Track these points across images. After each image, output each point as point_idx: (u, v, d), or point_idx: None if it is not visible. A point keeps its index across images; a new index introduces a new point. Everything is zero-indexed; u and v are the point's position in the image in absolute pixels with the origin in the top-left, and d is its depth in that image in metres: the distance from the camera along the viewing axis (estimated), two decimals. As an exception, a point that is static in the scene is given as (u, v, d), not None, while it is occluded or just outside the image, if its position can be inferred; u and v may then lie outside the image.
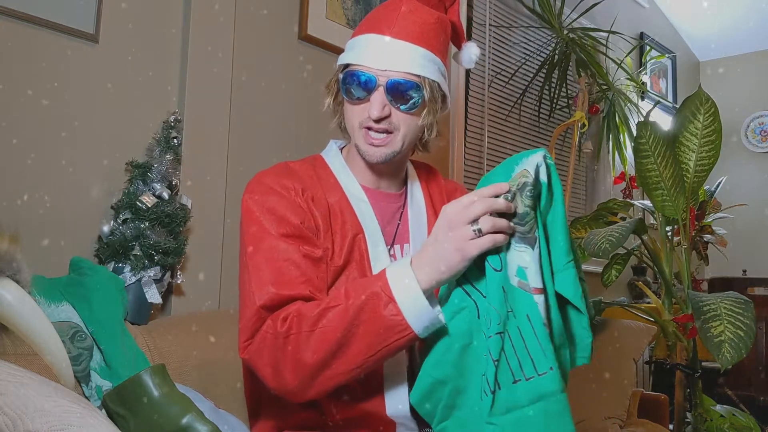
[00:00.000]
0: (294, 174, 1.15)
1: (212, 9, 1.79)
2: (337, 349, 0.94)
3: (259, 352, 1.00)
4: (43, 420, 0.70)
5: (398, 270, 0.94)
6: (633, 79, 3.53)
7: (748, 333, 1.86)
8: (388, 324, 0.91)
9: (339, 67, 1.15)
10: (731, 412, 2.38)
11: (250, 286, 1.04)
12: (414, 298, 0.92)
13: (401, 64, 1.09)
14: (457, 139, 2.67)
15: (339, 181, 1.18)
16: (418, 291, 0.92)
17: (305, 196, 1.11)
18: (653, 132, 2.14)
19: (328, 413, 1.09)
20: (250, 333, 1.01)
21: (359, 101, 1.11)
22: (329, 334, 0.94)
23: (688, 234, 2.31)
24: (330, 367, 0.95)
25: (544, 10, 2.99)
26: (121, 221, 1.51)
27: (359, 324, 0.93)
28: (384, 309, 0.91)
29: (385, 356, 0.96)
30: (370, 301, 0.93)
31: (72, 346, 1.20)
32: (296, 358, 0.96)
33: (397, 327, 0.91)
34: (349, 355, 0.94)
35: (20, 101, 1.45)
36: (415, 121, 1.12)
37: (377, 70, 1.09)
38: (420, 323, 0.92)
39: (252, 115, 1.90)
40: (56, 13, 1.48)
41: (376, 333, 0.92)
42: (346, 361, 0.95)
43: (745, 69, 4.70)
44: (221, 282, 1.76)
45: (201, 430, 1.05)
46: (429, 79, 1.10)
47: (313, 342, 0.94)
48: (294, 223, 1.07)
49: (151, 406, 1.09)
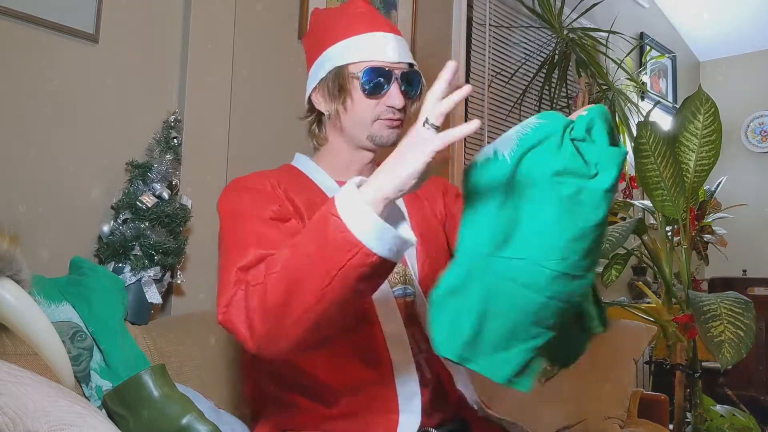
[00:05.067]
0: (267, 174, 1.19)
1: (212, 9, 1.79)
2: (294, 284, 0.87)
3: (236, 311, 0.94)
4: (43, 420, 0.70)
5: (344, 189, 0.88)
6: (633, 79, 3.53)
7: (748, 333, 1.86)
8: (336, 243, 0.83)
9: (340, 69, 1.17)
10: (731, 412, 2.38)
11: (228, 255, 1.01)
12: (360, 212, 0.83)
13: (406, 56, 1.19)
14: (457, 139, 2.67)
15: (313, 180, 1.22)
16: (359, 201, 0.84)
17: (282, 188, 1.15)
18: (653, 132, 2.14)
19: (335, 404, 1.09)
20: (228, 297, 0.95)
21: (378, 95, 1.16)
22: (287, 269, 0.88)
23: (688, 234, 2.31)
24: (291, 305, 0.87)
25: (544, 10, 2.99)
26: (121, 221, 1.51)
27: (311, 252, 0.86)
28: (329, 228, 0.84)
29: (349, 284, 0.85)
30: (317, 225, 0.87)
31: (72, 346, 1.20)
32: (263, 304, 0.90)
33: (346, 244, 0.83)
34: (306, 288, 0.86)
35: (20, 101, 1.45)
36: (412, 108, 1.21)
37: (391, 64, 1.16)
38: (371, 236, 0.83)
39: (252, 115, 1.90)
40: (56, 13, 1.48)
41: (327, 256, 0.84)
42: (305, 296, 0.86)
43: (745, 69, 4.69)
44: (221, 282, 1.76)
45: (201, 430, 1.05)
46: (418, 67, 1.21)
47: (275, 282, 0.89)
48: (273, 209, 1.09)
49: (151, 406, 1.09)
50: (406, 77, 1.17)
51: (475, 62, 2.92)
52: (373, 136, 1.18)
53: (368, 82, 1.15)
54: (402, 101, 1.15)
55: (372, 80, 1.15)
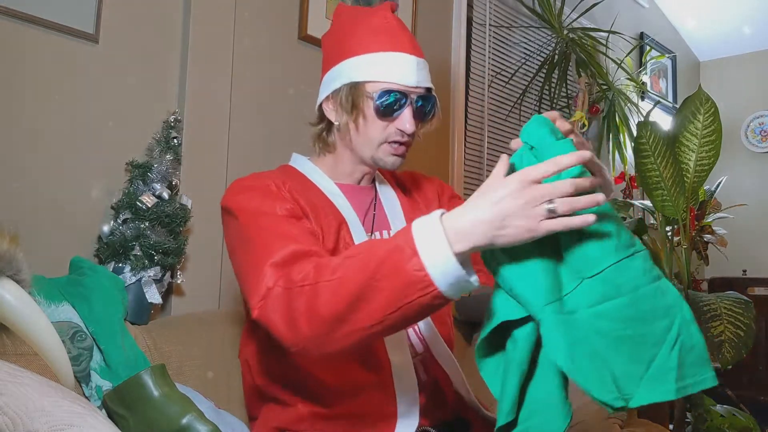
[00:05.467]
0: (268, 175, 1.18)
1: (212, 9, 1.79)
2: (355, 302, 0.86)
3: (273, 307, 0.93)
4: (43, 420, 0.70)
5: (425, 223, 0.86)
6: (633, 79, 3.53)
7: (748, 333, 1.86)
8: (410, 279, 0.83)
9: (355, 85, 1.15)
10: (731, 412, 2.38)
11: (254, 251, 1.00)
12: (441, 255, 0.82)
13: (425, 80, 1.16)
14: (457, 139, 2.67)
15: (312, 180, 1.22)
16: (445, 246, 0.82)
17: (286, 188, 1.14)
18: (653, 132, 2.15)
19: (333, 404, 1.09)
20: (263, 291, 0.94)
21: (390, 118, 1.14)
22: (347, 285, 0.87)
23: (688, 234, 2.31)
24: (348, 321, 0.87)
25: (544, 10, 2.99)
26: (121, 221, 1.51)
27: (380, 278, 0.85)
28: (407, 263, 0.83)
29: (408, 315, 0.86)
30: (392, 255, 0.85)
31: (72, 346, 1.20)
32: (312, 309, 0.89)
33: (419, 283, 0.82)
34: (368, 309, 0.86)
35: (20, 101, 1.45)
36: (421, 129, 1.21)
37: (408, 87, 1.14)
38: (445, 280, 0.82)
39: (252, 115, 1.90)
40: (56, 13, 1.48)
41: (398, 288, 0.84)
42: (364, 317, 0.87)
43: (745, 69, 4.69)
44: (221, 282, 1.76)
45: (201, 430, 1.05)
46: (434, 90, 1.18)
47: (331, 292, 0.88)
48: (286, 207, 1.09)
49: (151, 406, 1.09)
50: (422, 102, 1.16)
51: (475, 62, 2.92)
52: (376, 159, 1.18)
53: (382, 105, 1.13)
54: (413, 127, 1.14)
55: (386, 102, 1.13)
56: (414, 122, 1.14)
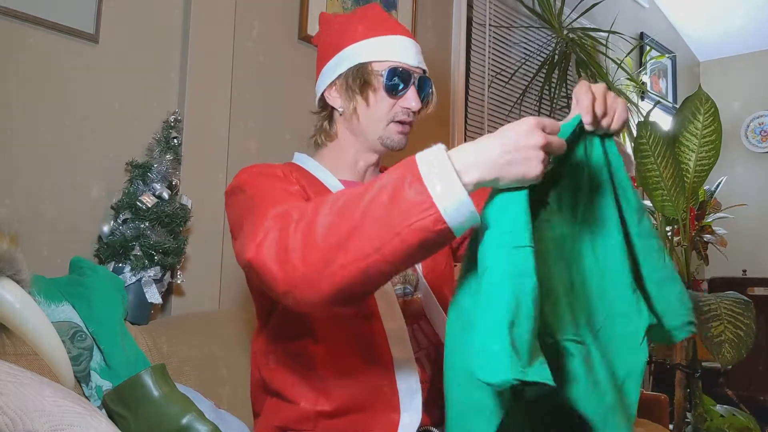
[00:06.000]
0: (274, 165, 1.20)
1: (212, 9, 1.79)
2: (353, 230, 0.82)
3: (268, 246, 0.88)
4: (43, 420, 0.70)
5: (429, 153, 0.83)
6: (633, 79, 3.53)
7: (748, 333, 1.86)
8: (411, 201, 0.79)
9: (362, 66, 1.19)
10: (731, 412, 2.38)
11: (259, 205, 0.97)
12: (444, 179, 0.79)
13: (421, 61, 1.23)
14: (457, 139, 2.67)
15: (317, 177, 1.24)
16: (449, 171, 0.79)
17: (294, 176, 1.16)
18: (653, 132, 2.15)
19: (336, 400, 1.09)
20: (260, 236, 0.90)
21: (398, 95, 1.20)
22: (346, 214, 0.83)
23: (688, 234, 2.31)
24: (344, 249, 0.82)
25: (544, 10, 2.99)
26: (121, 221, 1.51)
27: (379, 204, 0.81)
28: (409, 188, 0.80)
29: (409, 244, 0.80)
30: (394, 182, 0.82)
31: (72, 346, 1.20)
32: (307, 241, 0.85)
33: (421, 204, 0.78)
34: (364, 235, 0.81)
35: (20, 101, 1.45)
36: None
37: (411, 67, 1.20)
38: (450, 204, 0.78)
39: (252, 115, 1.90)
40: (56, 13, 1.48)
41: (397, 211, 0.80)
42: (361, 244, 0.81)
43: (745, 69, 4.69)
44: (221, 282, 1.76)
45: (201, 430, 1.05)
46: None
47: (328, 222, 0.84)
48: (294, 188, 1.11)
49: (151, 406, 1.09)
50: (423, 82, 1.22)
51: (475, 62, 2.92)
52: (383, 138, 1.22)
53: (392, 81, 1.19)
54: (419, 103, 1.20)
55: (394, 79, 1.19)
56: (419, 100, 1.20)
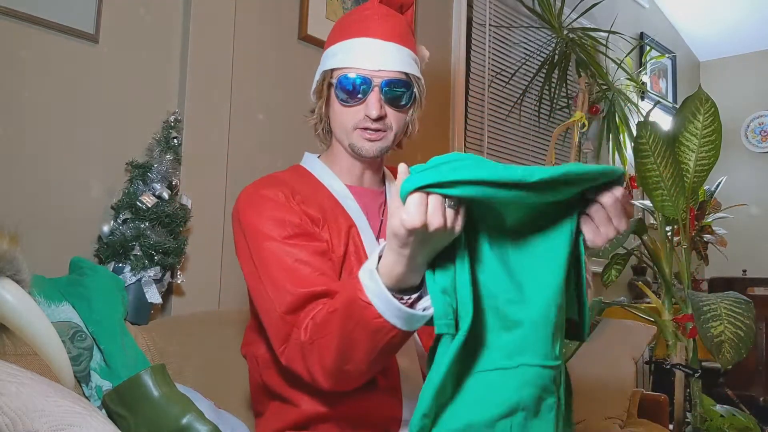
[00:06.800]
0: (281, 182, 1.18)
1: (212, 9, 1.79)
2: (346, 354, 0.94)
3: (294, 359, 1.02)
4: (43, 420, 0.70)
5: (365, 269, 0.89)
6: (633, 79, 3.53)
7: (748, 333, 1.86)
8: (373, 327, 0.89)
9: (326, 73, 1.18)
10: (731, 412, 2.38)
11: (268, 295, 1.05)
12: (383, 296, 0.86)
13: (393, 63, 1.14)
14: (457, 139, 2.67)
15: (323, 182, 1.22)
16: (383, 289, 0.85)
17: (296, 199, 1.14)
18: (653, 132, 2.14)
19: (338, 405, 1.09)
20: (281, 340, 1.03)
21: (354, 103, 1.15)
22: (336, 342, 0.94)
23: (688, 234, 2.31)
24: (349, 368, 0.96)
25: (544, 10, 2.99)
26: (121, 221, 1.51)
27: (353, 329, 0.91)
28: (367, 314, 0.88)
29: (391, 350, 0.95)
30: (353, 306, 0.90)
31: (72, 346, 1.20)
32: (321, 365, 0.98)
33: (382, 329, 0.88)
34: (358, 357, 0.94)
35: (20, 101, 1.45)
36: (404, 118, 1.19)
37: (371, 71, 1.14)
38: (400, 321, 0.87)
39: (252, 115, 1.90)
40: (56, 13, 1.48)
41: (369, 336, 0.90)
42: (359, 362, 0.95)
43: (745, 69, 4.69)
44: (221, 282, 1.76)
45: (201, 430, 1.05)
46: (415, 76, 1.17)
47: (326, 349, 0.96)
48: (295, 222, 1.10)
49: (151, 406, 1.09)
50: (389, 86, 1.13)
51: (475, 62, 2.92)
52: (353, 146, 1.18)
53: (341, 90, 1.14)
54: (377, 111, 1.13)
55: (345, 88, 1.14)
56: (380, 107, 1.13)
